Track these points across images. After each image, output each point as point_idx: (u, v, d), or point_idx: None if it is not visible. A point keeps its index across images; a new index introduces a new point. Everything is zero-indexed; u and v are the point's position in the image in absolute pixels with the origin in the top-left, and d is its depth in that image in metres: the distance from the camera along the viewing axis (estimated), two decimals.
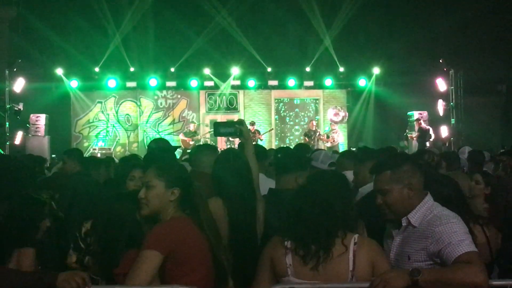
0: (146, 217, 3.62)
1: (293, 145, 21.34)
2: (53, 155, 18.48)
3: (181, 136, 20.47)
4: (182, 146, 19.43)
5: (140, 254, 3.35)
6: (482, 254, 3.64)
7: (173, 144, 13.52)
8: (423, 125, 20.08)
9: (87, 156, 19.90)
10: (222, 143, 20.38)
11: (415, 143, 19.97)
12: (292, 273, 3.25)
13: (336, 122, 21.76)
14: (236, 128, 4.62)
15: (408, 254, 3.37)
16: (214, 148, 6.94)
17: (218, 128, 4.84)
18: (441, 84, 21.89)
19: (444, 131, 21.59)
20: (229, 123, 5.02)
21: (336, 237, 3.27)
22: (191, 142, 19.66)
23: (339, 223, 3.32)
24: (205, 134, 21.24)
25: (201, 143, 19.73)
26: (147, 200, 3.57)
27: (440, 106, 21.86)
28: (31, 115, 20.46)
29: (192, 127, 20.78)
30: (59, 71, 21.30)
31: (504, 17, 21.24)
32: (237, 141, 18.28)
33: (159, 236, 3.44)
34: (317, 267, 3.25)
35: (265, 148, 8.07)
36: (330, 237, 3.28)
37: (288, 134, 22.98)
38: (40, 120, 20.44)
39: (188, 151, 18.69)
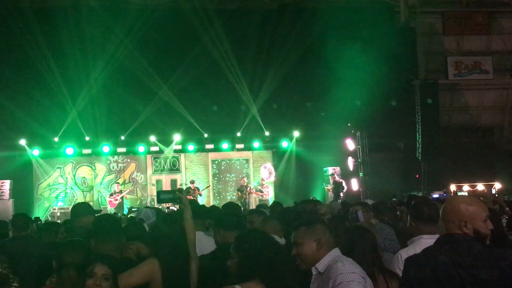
0: None
1: (227, 198, 22.18)
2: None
3: (108, 198, 20.35)
4: (109, 206, 19.51)
5: None
6: None
7: None
8: (337, 178, 20.71)
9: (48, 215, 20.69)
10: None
11: (330, 194, 20.56)
12: None
13: (265, 179, 21.90)
14: (175, 195, 4.55)
15: None
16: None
17: (160, 195, 4.80)
18: (350, 144, 22.60)
19: (355, 184, 22.06)
20: (170, 191, 4.80)
21: None
22: (116, 202, 19.74)
23: (234, 276, 3.38)
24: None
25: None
26: None
27: (350, 162, 22.51)
28: None
29: (116, 187, 20.66)
30: (22, 142, 20.95)
31: (402, 85, 22.48)
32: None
33: None
34: None
35: (207, 208, 7.77)
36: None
37: (224, 190, 22.99)
38: (5, 186, 19.98)
39: (114, 211, 18.47)
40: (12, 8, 19.93)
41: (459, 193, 18.99)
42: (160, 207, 16.58)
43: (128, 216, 11.31)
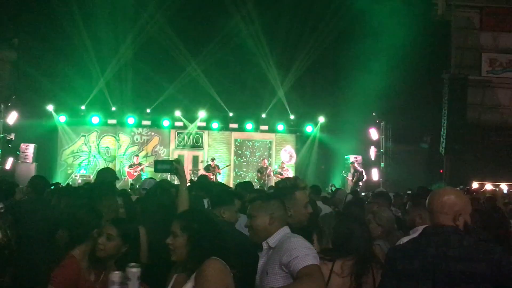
0: None
1: (247, 178, 22.09)
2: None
3: (126, 169, 20.41)
4: (127, 177, 19.54)
5: None
6: None
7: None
8: (358, 167, 20.37)
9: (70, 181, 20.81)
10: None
11: (350, 183, 20.33)
12: None
13: (285, 162, 21.99)
14: (172, 166, 4.50)
15: (267, 270, 3.46)
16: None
17: (157, 165, 4.70)
18: (374, 133, 22.27)
19: (375, 174, 21.73)
20: (167, 161, 4.77)
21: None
22: (135, 173, 19.74)
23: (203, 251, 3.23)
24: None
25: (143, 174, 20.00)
26: None
27: (372, 152, 22.14)
28: (22, 144, 20.20)
29: (136, 160, 20.67)
30: (50, 107, 21.13)
31: (431, 78, 22.09)
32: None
33: None
34: None
35: (212, 183, 7.84)
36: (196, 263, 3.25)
37: (244, 170, 22.91)
38: (29, 149, 20.21)
39: (132, 182, 18.69)
40: None
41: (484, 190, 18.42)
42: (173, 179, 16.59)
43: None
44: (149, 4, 20.31)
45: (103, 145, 22.39)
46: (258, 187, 18.91)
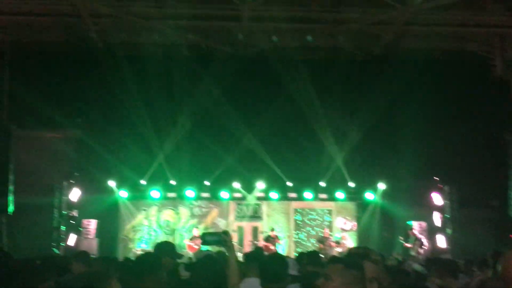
0: None
1: (308, 249, 21.43)
2: None
3: (187, 241, 20.18)
4: (188, 250, 19.19)
5: None
6: None
7: None
8: (417, 234, 19.73)
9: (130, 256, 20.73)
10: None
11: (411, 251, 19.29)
12: None
13: (345, 230, 21.53)
14: (221, 238, 4.50)
15: None
16: None
17: (205, 238, 4.70)
18: (437, 198, 21.36)
19: (441, 241, 20.79)
20: (215, 234, 4.79)
21: None
22: (196, 246, 19.33)
23: None
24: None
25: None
26: None
27: (437, 217, 21.25)
28: (83, 220, 20.56)
29: (195, 232, 20.42)
30: (112, 183, 21.42)
31: (494, 139, 21.36)
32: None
33: None
34: None
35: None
36: None
37: (305, 240, 22.48)
38: (91, 225, 20.52)
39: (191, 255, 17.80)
40: (106, 56, 20.59)
41: None
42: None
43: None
44: (205, 78, 20.59)
45: (163, 219, 22.46)
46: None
